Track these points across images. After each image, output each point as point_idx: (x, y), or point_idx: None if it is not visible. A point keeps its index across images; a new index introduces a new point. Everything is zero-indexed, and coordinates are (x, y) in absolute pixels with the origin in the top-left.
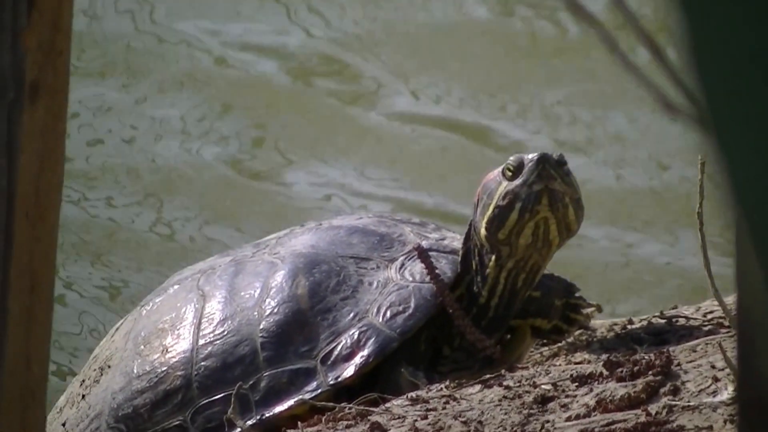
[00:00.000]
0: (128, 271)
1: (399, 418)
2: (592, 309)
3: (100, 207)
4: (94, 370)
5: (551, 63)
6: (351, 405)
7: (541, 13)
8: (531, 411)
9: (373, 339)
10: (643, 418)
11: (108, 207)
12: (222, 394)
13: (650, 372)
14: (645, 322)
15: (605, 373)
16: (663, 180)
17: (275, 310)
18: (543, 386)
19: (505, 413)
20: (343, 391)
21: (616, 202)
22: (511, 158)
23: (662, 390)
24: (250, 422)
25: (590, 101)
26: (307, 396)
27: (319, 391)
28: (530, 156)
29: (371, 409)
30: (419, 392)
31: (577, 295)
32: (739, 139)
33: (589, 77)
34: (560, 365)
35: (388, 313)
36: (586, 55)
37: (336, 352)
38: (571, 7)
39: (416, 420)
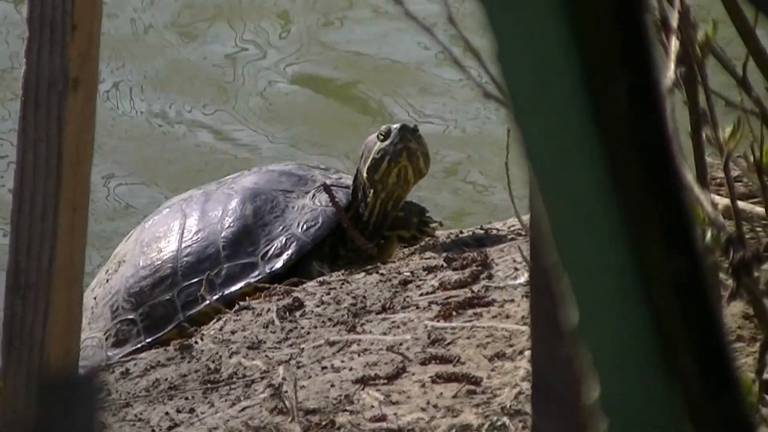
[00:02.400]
0: None
1: (311, 294)
2: (436, 224)
3: None
4: (114, 263)
5: None
6: (280, 286)
7: None
8: (396, 290)
9: (294, 243)
10: (469, 294)
11: None
12: (197, 279)
13: (474, 264)
14: (471, 232)
15: (445, 265)
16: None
17: (231, 225)
18: (404, 273)
19: (380, 291)
20: (276, 277)
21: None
22: (383, 127)
23: (482, 276)
24: (215, 297)
25: None
26: (252, 280)
27: (260, 277)
28: (395, 126)
29: (293, 288)
30: (324, 278)
31: (427, 215)
32: (529, 117)
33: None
34: (416, 260)
35: (305, 226)
36: None
37: (271, 252)
38: (406, 14)
39: (322, 296)
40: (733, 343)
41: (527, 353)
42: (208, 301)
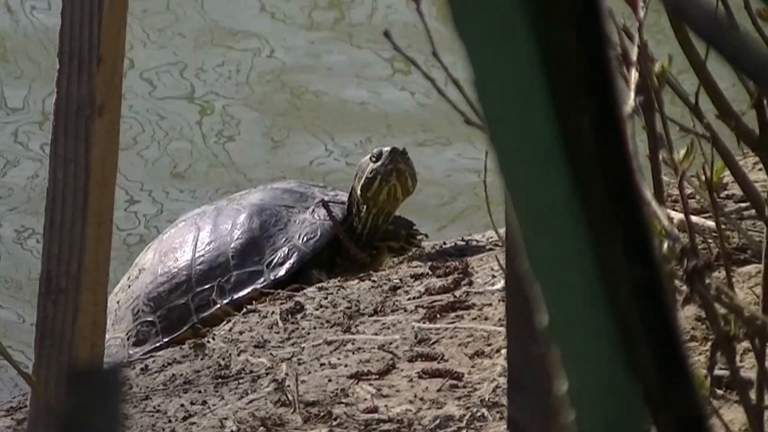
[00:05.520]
0: None
1: (311, 298)
2: (422, 236)
3: None
4: (135, 271)
5: None
6: (283, 291)
7: None
8: (387, 295)
9: (296, 253)
10: (451, 299)
11: None
12: (209, 285)
13: (456, 272)
14: (453, 243)
15: (430, 273)
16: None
17: (239, 237)
18: (394, 280)
19: (372, 296)
20: (279, 283)
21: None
22: (375, 150)
23: (463, 282)
24: (225, 301)
25: None
26: (258, 286)
27: (265, 283)
28: (386, 149)
29: (295, 293)
30: (323, 284)
31: (414, 228)
32: (504, 140)
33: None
34: (404, 268)
35: (305, 238)
36: None
37: (275, 261)
38: (394, 48)
39: (321, 300)
40: (687, 342)
41: (504, 351)
42: (219, 305)
